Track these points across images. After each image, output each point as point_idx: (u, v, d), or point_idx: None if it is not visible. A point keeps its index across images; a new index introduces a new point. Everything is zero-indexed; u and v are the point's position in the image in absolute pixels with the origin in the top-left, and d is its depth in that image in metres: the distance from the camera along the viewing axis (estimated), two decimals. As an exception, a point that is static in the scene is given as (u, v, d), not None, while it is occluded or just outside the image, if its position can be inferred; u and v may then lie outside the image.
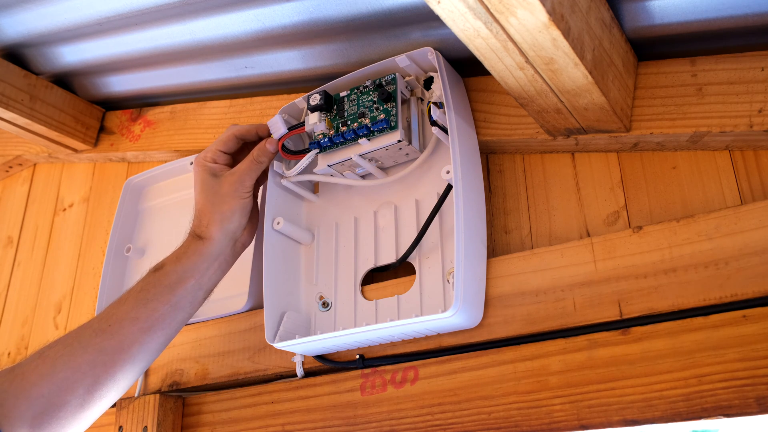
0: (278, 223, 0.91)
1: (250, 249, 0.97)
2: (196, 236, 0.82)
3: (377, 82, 0.88)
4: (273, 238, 0.91)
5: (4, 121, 1.19)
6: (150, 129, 1.22)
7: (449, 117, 0.81)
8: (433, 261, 0.84)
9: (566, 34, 0.62)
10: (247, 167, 0.84)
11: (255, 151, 0.86)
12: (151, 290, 0.78)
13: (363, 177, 0.92)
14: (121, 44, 1.08)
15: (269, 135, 0.89)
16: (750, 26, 0.72)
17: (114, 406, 1.01)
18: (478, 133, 0.87)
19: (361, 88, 0.89)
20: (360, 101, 0.88)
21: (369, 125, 0.85)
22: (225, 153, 0.86)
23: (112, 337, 0.75)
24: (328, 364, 0.88)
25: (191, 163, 1.07)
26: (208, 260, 0.81)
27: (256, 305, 0.96)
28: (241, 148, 0.89)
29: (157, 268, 0.80)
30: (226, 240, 0.83)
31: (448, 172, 0.80)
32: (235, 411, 0.93)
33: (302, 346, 0.85)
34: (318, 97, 0.90)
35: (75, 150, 1.29)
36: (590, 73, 0.68)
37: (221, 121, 1.12)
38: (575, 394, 0.72)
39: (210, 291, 0.83)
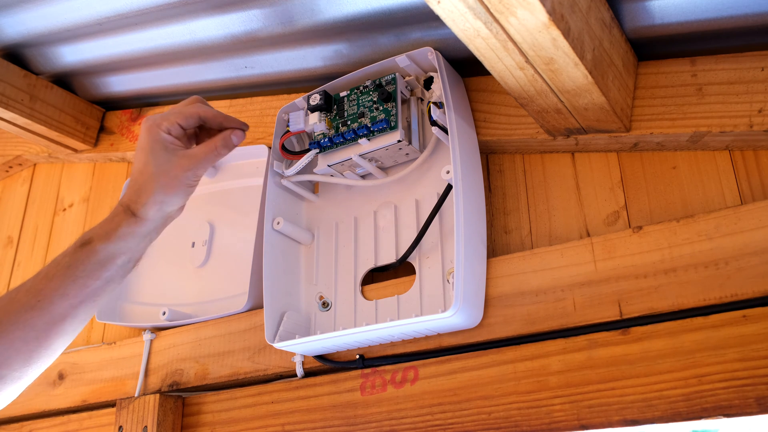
0: (278, 223, 0.91)
1: (251, 249, 0.97)
2: (129, 212, 0.76)
3: (377, 82, 0.88)
4: (273, 238, 0.91)
5: (4, 121, 1.19)
6: (150, 129, 1.22)
7: (449, 117, 0.81)
8: (433, 261, 0.84)
9: (566, 34, 0.62)
10: (205, 156, 0.78)
11: (219, 141, 0.79)
12: (79, 267, 0.75)
13: (363, 177, 0.92)
14: (121, 44, 1.08)
15: (233, 128, 0.82)
16: (750, 26, 0.72)
17: (114, 405, 1.01)
18: (478, 133, 0.87)
19: (361, 88, 0.89)
20: (360, 101, 0.88)
21: (369, 125, 0.85)
22: (182, 128, 0.79)
23: (42, 314, 0.73)
24: (328, 364, 0.88)
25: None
26: (140, 238, 0.77)
27: (256, 305, 0.96)
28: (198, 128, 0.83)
29: (85, 243, 0.75)
30: (162, 220, 0.78)
31: (448, 172, 0.80)
32: (234, 411, 0.93)
33: (302, 346, 0.85)
34: (318, 97, 0.90)
35: (75, 150, 1.29)
36: (590, 73, 0.68)
37: (221, 121, 1.12)
38: (575, 394, 0.72)
39: (139, 260, 0.80)
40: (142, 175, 0.77)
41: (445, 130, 0.84)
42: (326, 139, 0.88)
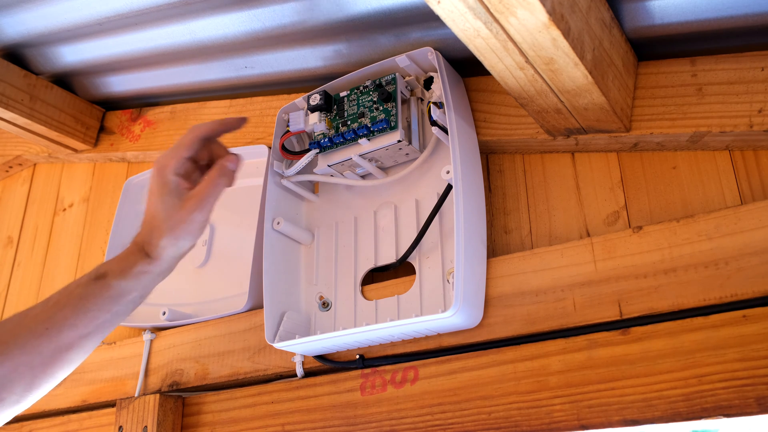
0: (278, 223, 0.91)
1: (251, 249, 0.97)
2: (144, 253, 0.77)
3: (377, 82, 0.88)
4: (273, 238, 0.91)
5: (4, 121, 1.19)
6: (150, 129, 1.22)
7: (449, 117, 0.81)
8: (433, 261, 0.84)
9: (566, 34, 0.62)
10: (208, 193, 0.77)
11: (215, 173, 0.77)
12: (91, 299, 0.75)
13: (363, 177, 0.92)
14: (121, 44, 1.08)
15: (234, 129, 0.81)
16: (750, 26, 0.72)
17: (114, 405, 1.01)
18: (478, 133, 0.87)
19: (361, 88, 0.89)
20: (360, 101, 0.88)
21: (369, 125, 0.85)
22: (189, 159, 0.78)
23: (50, 342, 0.74)
24: (328, 364, 0.88)
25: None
26: (154, 275, 0.78)
27: (256, 305, 0.96)
28: (206, 145, 0.82)
29: (99, 277, 0.76)
30: (176, 259, 0.80)
31: (448, 172, 0.80)
32: (234, 411, 0.93)
33: (302, 346, 0.85)
34: (318, 97, 0.90)
35: (75, 150, 1.29)
36: (590, 73, 0.68)
37: (221, 121, 1.12)
38: (575, 394, 0.72)
39: (148, 294, 0.81)
40: (154, 219, 0.78)
41: (445, 130, 0.84)
42: (326, 139, 0.88)
